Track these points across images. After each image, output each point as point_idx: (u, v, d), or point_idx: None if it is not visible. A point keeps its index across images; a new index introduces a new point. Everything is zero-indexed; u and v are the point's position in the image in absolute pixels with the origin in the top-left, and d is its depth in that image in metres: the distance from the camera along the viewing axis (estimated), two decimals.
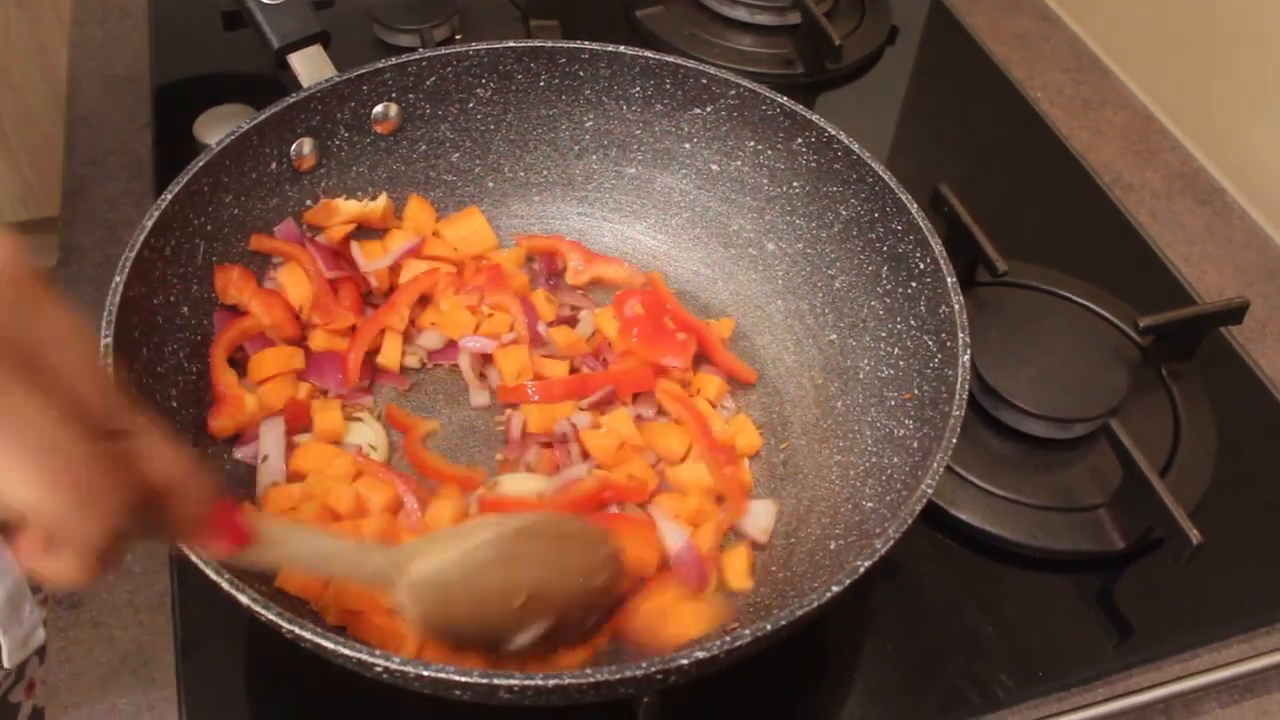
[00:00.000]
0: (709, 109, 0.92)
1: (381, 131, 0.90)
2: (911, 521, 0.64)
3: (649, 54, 0.90)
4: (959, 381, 0.71)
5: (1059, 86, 1.21)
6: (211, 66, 1.19)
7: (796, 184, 0.90)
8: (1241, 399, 0.95)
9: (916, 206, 0.80)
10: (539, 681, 0.57)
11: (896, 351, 0.81)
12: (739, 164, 0.92)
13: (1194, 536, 0.78)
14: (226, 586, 0.59)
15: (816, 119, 0.86)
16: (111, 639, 0.81)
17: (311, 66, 0.90)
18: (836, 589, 0.61)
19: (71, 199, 1.10)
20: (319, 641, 0.58)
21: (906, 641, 0.80)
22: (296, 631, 0.58)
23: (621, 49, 0.91)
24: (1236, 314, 0.93)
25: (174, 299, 0.78)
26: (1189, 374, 0.94)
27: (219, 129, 0.97)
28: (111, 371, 0.66)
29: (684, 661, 0.58)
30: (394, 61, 0.87)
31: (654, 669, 0.58)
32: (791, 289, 0.91)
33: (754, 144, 0.91)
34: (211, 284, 0.81)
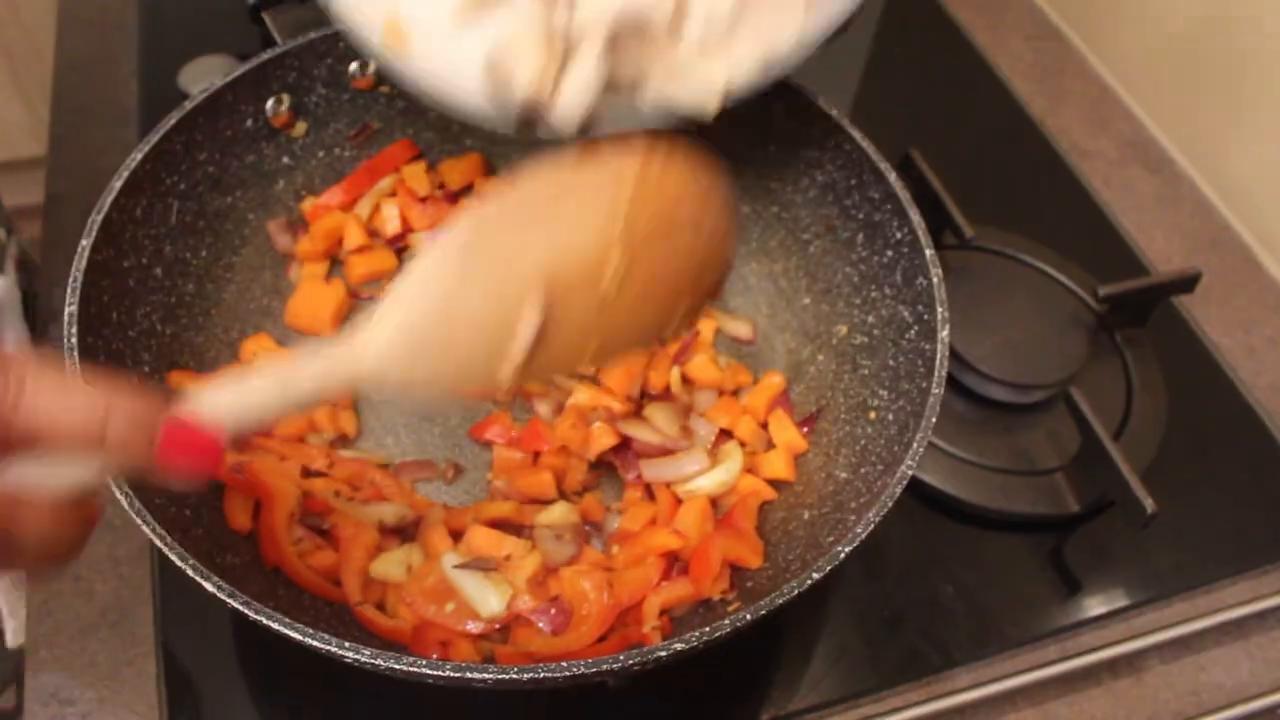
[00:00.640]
0: None
1: (359, 88, 0.78)
2: (892, 504, 0.56)
3: None
4: (938, 358, 0.62)
5: (1020, 54, 1.10)
6: (198, 16, 1.06)
7: (772, 147, 0.79)
8: (1189, 364, 0.87)
9: (895, 175, 0.70)
10: (513, 675, 0.49)
11: (871, 320, 0.72)
12: (714, 126, 0.82)
13: (1149, 505, 0.70)
14: (191, 573, 0.50)
15: (795, 83, 0.76)
16: (91, 592, 0.71)
17: (287, 22, 0.78)
18: (817, 575, 0.53)
19: (58, 145, 0.98)
20: (287, 632, 0.49)
21: (868, 602, 0.73)
22: (263, 621, 0.49)
23: None
24: (1189, 283, 0.85)
25: (146, 261, 0.67)
26: (1141, 340, 0.85)
27: (203, 79, 0.85)
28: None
29: (663, 653, 0.50)
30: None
31: (632, 661, 0.50)
32: (766, 251, 0.81)
33: (730, 106, 0.80)
34: (186, 243, 0.70)
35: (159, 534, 0.51)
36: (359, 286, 0.79)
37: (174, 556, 0.51)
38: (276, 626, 0.49)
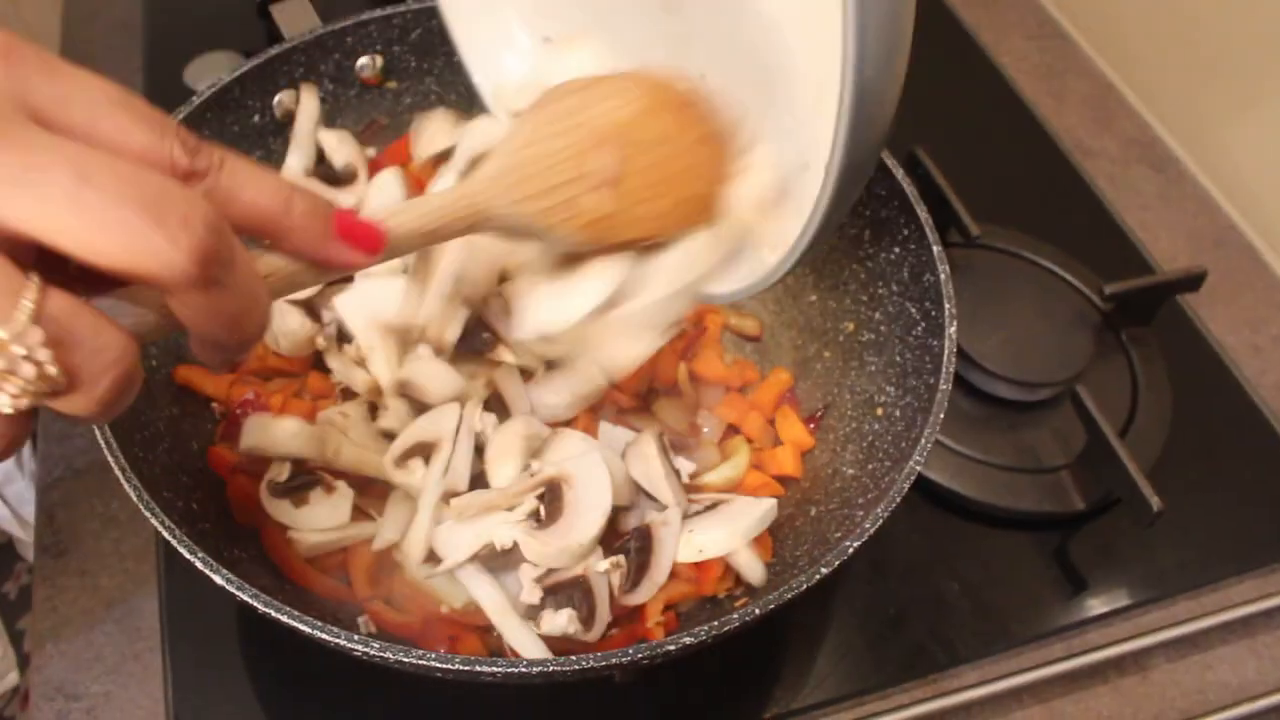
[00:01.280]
0: None
1: (366, 83, 0.78)
2: (900, 500, 0.56)
3: None
4: (945, 354, 0.62)
5: (1024, 53, 1.10)
6: (204, 12, 1.06)
7: None
8: (1194, 363, 0.87)
9: (902, 173, 0.70)
10: (522, 668, 0.49)
11: (878, 316, 0.72)
12: None
13: (1155, 503, 0.70)
14: (200, 565, 0.50)
15: None
16: (97, 586, 0.72)
17: (294, 17, 0.78)
18: (826, 570, 0.53)
19: None
20: (296, 625, 0.49)
21: (873, 599, 0.73)
22: (272, 614, 0.49)
23: None
24: (1195, 282, 0.85)
25: None
26: (1146, 338, 0.85)
27: (209, 75, 0.85)
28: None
29: (671, 647, 0.50)
30: (379, 13, 0.75)
31: (640, 655, 0.50)
32: None
33: None
34: None
35: (168, 526, 0.51)
36: None
37: (183, 549, 0.51)
38: (285, 619, 0.49)
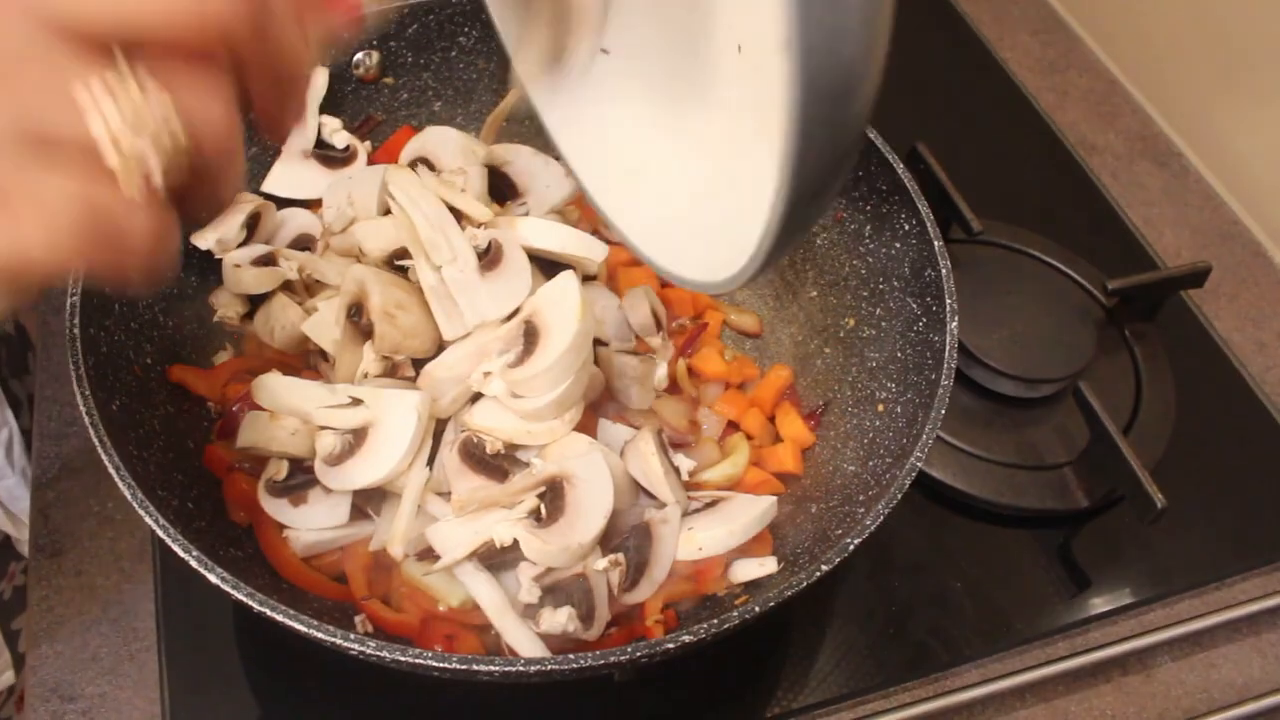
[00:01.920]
0: None
1: (363, 79, 0.78)
2: (900, 496, 0.55)
3: None
4: (947, 349, 0.62)
5: (1027, 48, 1.10)
6: None
7: None
8: (1198, 359, 0.87)
9: (904, 167, 0.70)
10: (520, 667, 0.49)
11: (879, 312, 0.72)
12: None
13: (1159, 500, 0.70)
14: (195, 565, 0.50)
15: None
16: (93, 587, 0.71)
17: None
18: (827, 567, 0.53)
19: None
20: (292, 625, 0.48)
21: (875, 598, 0.72)
22: (268, 613, 0.49)
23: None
24: (1199, 278, 0.85)
25: None
26: (1149, 334, 0.85)
27: None
28: None
29: (670, 646, 0.50)
30: (376, 8, 0.75)
31: (640, 654, 0.49)
32: None
33: None
34: (189, 234, 0.70)
35: (162, 525, 0.51)
36: None
37: (177, 548, 0.50)
38: (281, 619, 0.48)
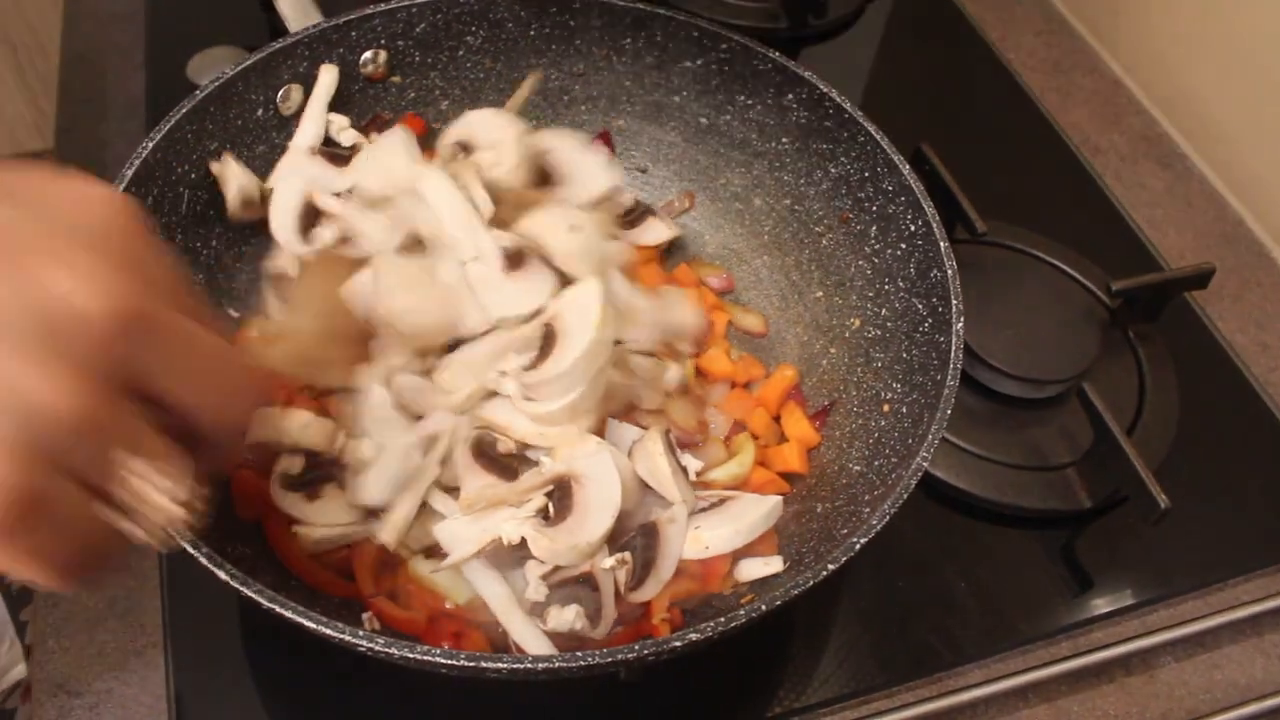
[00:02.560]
0: (700, 62, 0.80)
1: (370, 78, 0.78)
2: (906, 496, 0.56)
3: (641, 5, 0.79)
4: (952, 350, 0.62)
5: (1031, 48, 1.10)
6: (208, 7, 1.06)
7: (786, 140, 0.79)
8: (1202, 360, 0.87)
9: (909, 169, 0.70)
10: (528, 665, 0.49)
11: (884, 312, 0.72)
12: (728, 118, 0.82)
13: (1162, 501, 0.70)
14: (204, 561, 0.50)
15: (809, 76, 0.76)
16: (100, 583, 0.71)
17: (299, 11, 0.77)
18: (833, 566, 0.53)
19: (65, 136, 0.97)
20: (300, 621, 0.49)
21: (879, 598, 0.73)
22: (276, 610, 0.49)
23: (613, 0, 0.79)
24: (1203, 279, 0.85)
25: None
26: (1153, 336, 0.85)
27: (212, 71, 0.84)
28: None
29: (677, 644, 0.50)
30: (383, 7, 0.75)
31: (646, 652, 0.49)
32: (778, 244, 0.81)
33: (744, 98, 0.80)
34: (196, 233, 0.70)
35: None
36: None
37: (185, 545, 0.50)
38: (290, 616, 0.49)
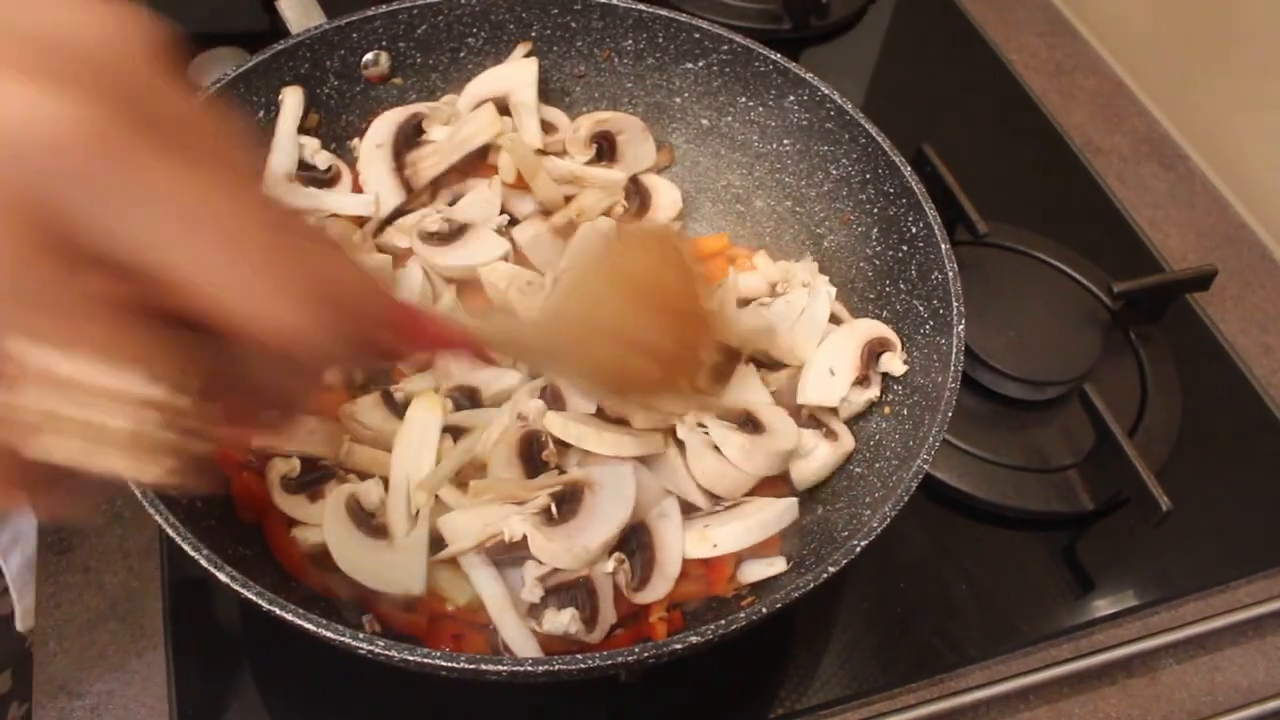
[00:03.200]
0: (701, 64, 0.80)
1: (371, 80, 0.78)
2: (908, 499, 0.56)
3: (642, 6, 0.79)
4: (953, 352, 0.62)
5: (1033, 49, 1.10)
6: (209, 7, 1.06)
7: (787, 141, 0.79)
8: (1204, 362, 0.87)
9: (910, 170, 0.70)
10: (528, 667, 0.49)
11: (885, 315, 0.72)
12: (730, 120, 0.82)
13: (1164, 503, 0.70)
14: (204, 563, 0.50)
15: (810, 77, 0.76)
16: (101, 584, 0.71)
17: (301, 12, 0.77)
18: (834, 569, 0.53)
19: None
20: (300, 624, 0.49)
21: (880, 599, 0.73)
22: (276, 612, 0.49)
23: (615, 1, 0.79)
24: (1205, 280, 0.85)
25: None
26: (1155, 337, 0.85)
27: (215, 72, 0.84)
28: None
29: (677, 646, 0.50)
30: (385, 9, 0.75)
31: (647, 654, 0.49)
32: (779, 246, 0.81)
33: (745, 100, 0.80)
34: None
35: (172, 524, 0.51)
36: None
37: (187, 547, 0.50)
38: (290, 618, 0.49)
